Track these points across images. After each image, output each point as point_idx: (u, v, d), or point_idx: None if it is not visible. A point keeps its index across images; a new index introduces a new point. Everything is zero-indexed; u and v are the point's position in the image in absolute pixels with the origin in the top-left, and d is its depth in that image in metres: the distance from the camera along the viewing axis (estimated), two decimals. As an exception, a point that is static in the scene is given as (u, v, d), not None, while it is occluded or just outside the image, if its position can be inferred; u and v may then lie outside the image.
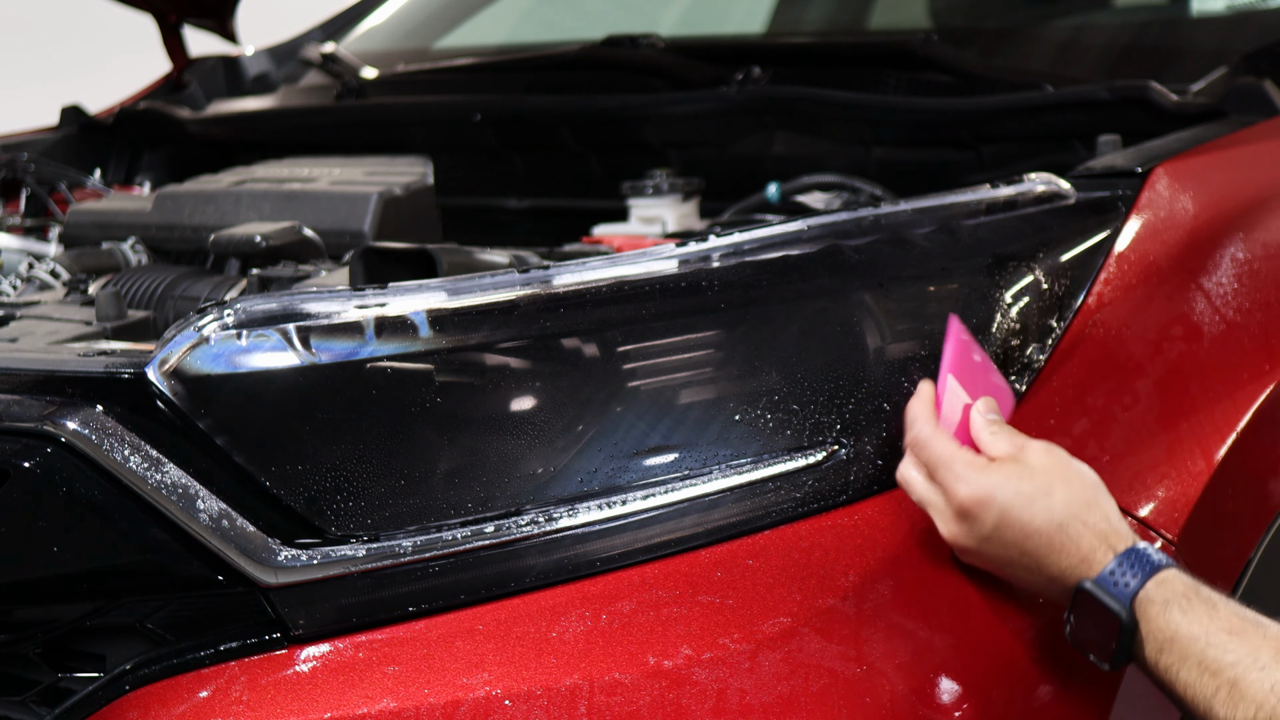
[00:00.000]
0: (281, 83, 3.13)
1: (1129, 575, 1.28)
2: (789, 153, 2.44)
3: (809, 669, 1.28)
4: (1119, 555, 1.29)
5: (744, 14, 3.37)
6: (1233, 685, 1.22)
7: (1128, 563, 1.28)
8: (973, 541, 1.33)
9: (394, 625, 1.30)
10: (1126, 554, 1.29)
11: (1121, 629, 1.26)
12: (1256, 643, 1.23)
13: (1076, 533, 1.30)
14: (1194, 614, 1.25)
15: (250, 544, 1.29)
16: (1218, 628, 1.24)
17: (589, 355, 1.38)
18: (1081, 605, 1.29)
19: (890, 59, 2.40)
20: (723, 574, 1.32)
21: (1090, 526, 1.30)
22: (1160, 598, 1.26)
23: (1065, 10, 2.75)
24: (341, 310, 1.35)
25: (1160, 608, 1.26)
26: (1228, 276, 1.71)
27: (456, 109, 2.61)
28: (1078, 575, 1.30)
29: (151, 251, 2.25)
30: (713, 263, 1.44)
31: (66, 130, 2.92)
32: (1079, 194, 1.67)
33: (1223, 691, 1.22)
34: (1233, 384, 1.64)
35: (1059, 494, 1.31)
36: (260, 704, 1.27)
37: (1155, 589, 1.27)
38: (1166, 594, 1.26)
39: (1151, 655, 1.27)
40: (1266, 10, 2.50)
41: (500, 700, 1.25)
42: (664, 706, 1.26)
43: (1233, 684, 1.22)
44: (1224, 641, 1.23)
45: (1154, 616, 1.26)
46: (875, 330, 1.45)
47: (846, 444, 1.39)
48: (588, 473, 1.34)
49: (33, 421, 1.32)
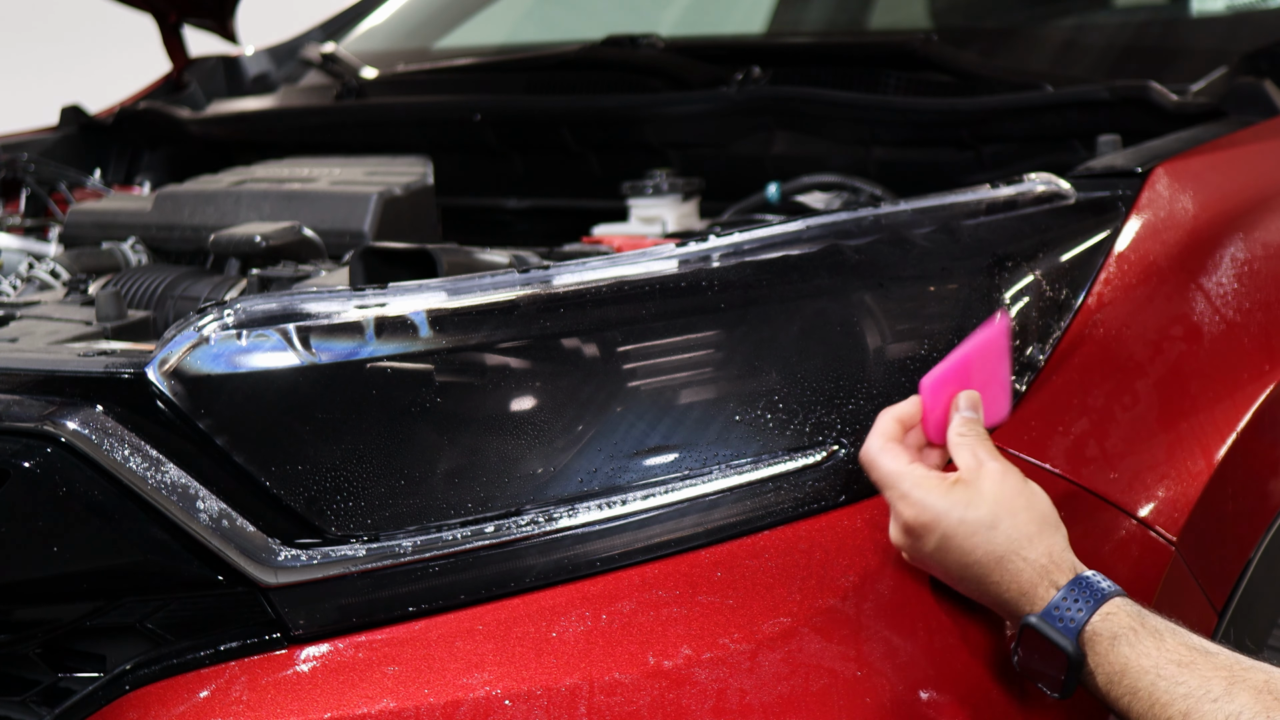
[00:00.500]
0: (281, 83, 3.13)
1: (1075, 608, 1.27)
2: (789, 153, 2.44)
3: (809, 669, 1.28)
4: (1063, 588, 1.28)
5: (744, 14, 3.37)
6: (1184, 718, 1.21)
7: (1073, 595, 1.27)
8: (915, 555, 1.34)
9: (394, 625, 1.30)
10: (1072, 585, 1.28)
11: (1069, 663, 1.26)
12: (1207, 674, 1.22)
13: (1016, 568, 1.29)
14: (1141, 647, 1.24)
15: (250, 544, 1.29)
16: (1166, 659, 1.23)
17: (589, 355, 1.38)
18: (1027, 640, 1.28)
19: (890, 59, 2.40)
20: (723, 574, 1.32)
21: (1030, 562, 1.29)
22: (1107, 631, 1.26)
23: (1065, 10, 2.75)
24: (341, 310, 1.35)
25: (1108, 642, 1.25)
26: (1228, 276, 1.71)
27: (456, 109, 2.61)
28: (1019, 609, 1.29)
29: (151, 251, 2.25)
30: (713, 263, 1.44)
31: (66, 130, 2.92)
32: (1079, 194, 1.67)
33: None
34: (1233, 384, 1.64)
35: (1003, 527, 1.29)
36: (260, 704, 1.27)
37: (1101, 622, 1.26)
38: (1114, 627, 1.26)
39: (1103, 685, 1.26)
40: (1266, 10, 2.50)
41: (500, 700, 1.25)
42: (664, 706, 1.26)
43: (1184, 716, 1.21)
44: (1174, 674, 1.22)
45: (1102, 651, 1.26)
46: (875, 330, 1.44)
47: (846, 444, 1.39)
48: (588, 473, 1.34)
49: (33, 421, 1.32)
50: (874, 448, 1.34)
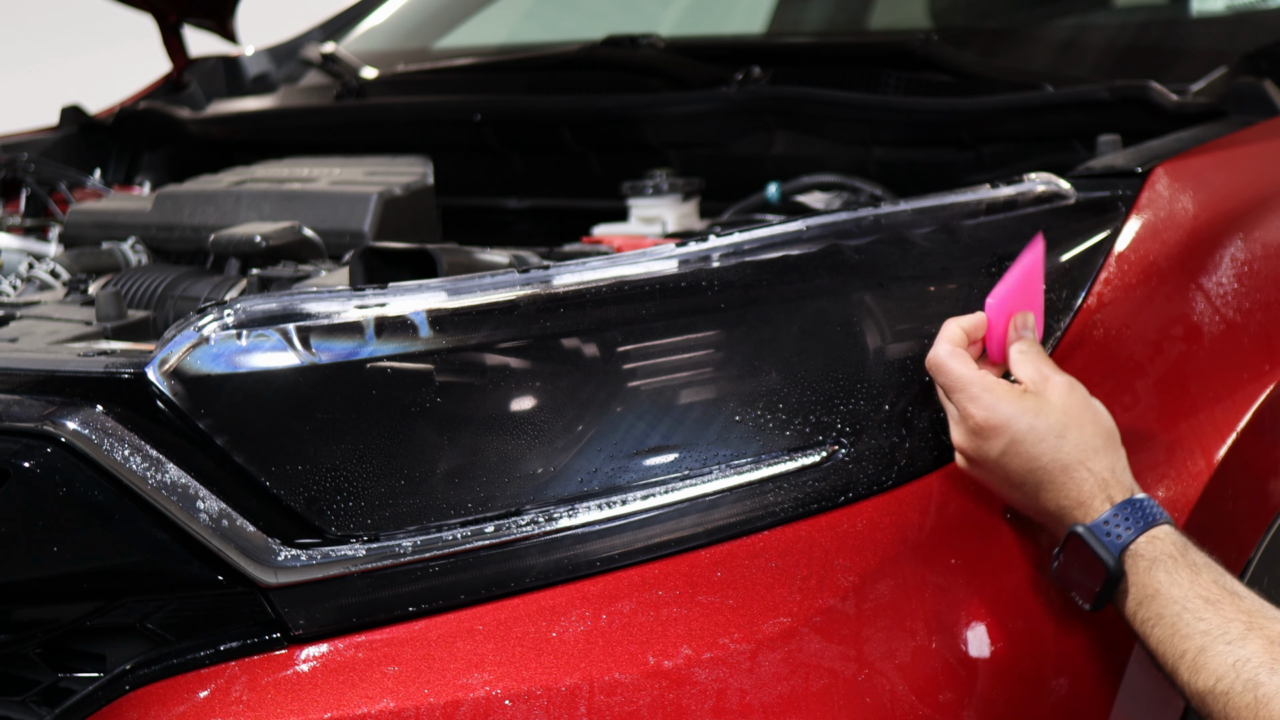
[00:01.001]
0: (281, 83, 3.13)
1: (1123, 527, 1.32)
2: (789, 153, 2.44)
3: (809, 669, 1.28)
4: (1116, 505, 1.33)
5: (744, 14, 3.37)
6: (1199, 653, 1.26)
7: (1124, 514, 1.32)
8: (978, 458, 1.36)
9: (394, 625, 1.30)
10: (1124, 504, 1.33)
11: (1108, 577, 1.31)
12: (1229, 615, 1.27)
13: (1080, 477, 1.34)
14: (1177, 576, 1.29)
15: (250, 544, 1.29)
16: (1196, 594, 1.28)
17: (589, 355, 1.38)
18: (1072, 548, 1.34)
19: (890, 59, 2.40)
20: (723, 574, 1.32)
21: (1093, 474, 1.34)
22: (1148, 555, 1.31)
23: (1065, 10, 2.75)
24: (341, 310, 1.35)
25: (1147, 564, 1.30)
26: (1228, 276, 1.71)
27: (456, 109, 2.60)
28: (1072, 517, 1.34)
29: (151, 251, 2.25)
30: (713, 263, 1.44)
31: (66, 130, 2.91)
32: (1079, 194, 1.67)
33: (1189, 657, 1.27)
34: (1233, 384, 1.64)
35: (1071, 437, 1.34)
36: (260, 704, 1.27)
37: (1145, 545, 1.31)
38: (1155, 552, 1.31)
39: (1131, 606, 1.32)
40: (1266, 10, 2.50)
41: (500, 700, 1.25)
42: (664, 706, 1.26)
43: (1199, 651, 1.26)
44: (1198, 609, 1.28)
45: (1140, 571, 1.31)
46: (875, 330, 1.44)
47: (846, 444, 1.39)
48: (588, 473, 1.34)
49: (33, 421, 1.32)
50: (942, 353, 1.38)
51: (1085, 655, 1.43)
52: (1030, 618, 1.40)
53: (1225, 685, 1.25)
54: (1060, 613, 1.41)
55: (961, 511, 1.41)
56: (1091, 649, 1.43)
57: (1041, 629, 1.40)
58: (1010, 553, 1.42)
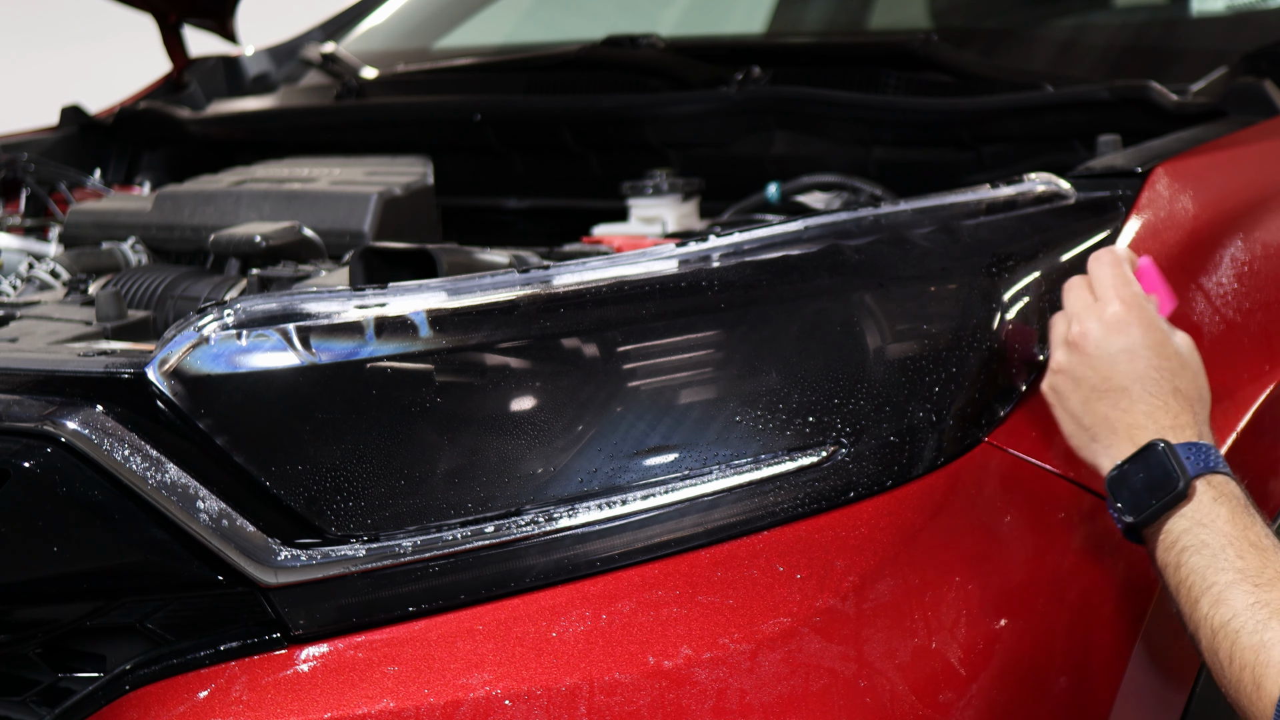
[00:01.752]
0: (281, 83, 3.13)
1: (1207, 457, 1.35)
2: (789, 153, 2.44)
3: (809, 669, 1.29)
4: (1207, 443, 1.37)
5: (744, 14, 3.37)
6: (1227, 586, 1.29)
7: (1210, 453, 1.36)
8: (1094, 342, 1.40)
9: (394, 625, 1.30)
10: (1214, 449, 1.37)
11: (1171, 495, 1.34)
12: (1271, 561, 1.29)
13: (1181, 407, 1.38)
14: (1236, 516, 1.33)
15: (250, 544, 1.29)
16: (1246, 537, 1.31)
17: (589, 355, 1.38)
18: (1147, 458, 1.36)
19: (890, 59, 2.40)
20: (723, 574, 1.32)
21: (1196, 414, 1.39)
22: (1219, 488, 1.34)
23: (1065, 10, 2.75)
24: (341, 310, 1.35)
25: (1213, 496, 1.34)
26: (1228, 276, 1.71)
27: (456, 109, 2.61)
28: (1158, 432, 1.37)
29: (151, 251, 2.25)
30: (713, 263, 1.44)
31: (66, 130, 2.91)
32: (1079, 194, 1.67)
33: (1215, 589, 1.29)
34: (1233, 384, 1.64)
35: (1188, 374, 1.41)
36: (260, 704, 1.27)
37: (1220, 480, 1.35)
38: (1226, 490, 1.34)
39: (1175, 532, 1.34)
40: (1266, 10, 2.50)
41: (500, 700, 1.25)
42: (664, 706, 1.26)
43: (1228, 585, 1.29)
44: (1243, 548, 1.31)
45: (1204, 500, 1.34)
46: (875, 330, 1.44)
47: (846, 444, 1.39)
48: (588, 473, 1.34)
49: (33, 421, 1.32)
50: (1120, 250, 1.47)
51: (1085, 655, 1.43)
52: (1030, 618, 1.40)
53: (1239, 623, 1.27)
54: (1061, 613, 1.41)
55: (962, 511, 1.41)
56: (1092, 649, 1.43)
57: (1042, 629, 1.40)
58: (1011, 552, 1.42)
